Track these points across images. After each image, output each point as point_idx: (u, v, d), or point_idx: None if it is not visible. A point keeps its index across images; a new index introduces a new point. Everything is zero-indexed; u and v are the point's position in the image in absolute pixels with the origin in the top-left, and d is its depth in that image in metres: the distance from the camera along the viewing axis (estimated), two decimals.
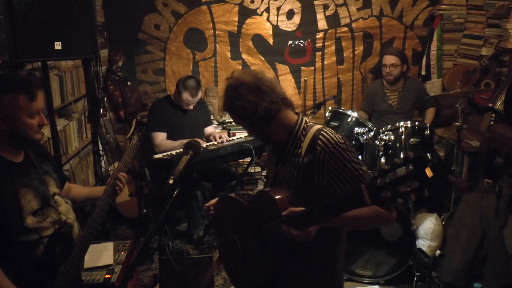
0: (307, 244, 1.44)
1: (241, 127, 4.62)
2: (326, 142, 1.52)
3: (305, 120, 1.65)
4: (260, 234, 1.58)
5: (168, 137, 3.70)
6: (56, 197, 1.75)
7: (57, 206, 1.72)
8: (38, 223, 1.62)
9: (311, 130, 1.58)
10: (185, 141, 3.46)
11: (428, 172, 1.08)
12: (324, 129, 1.57)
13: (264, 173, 4.48)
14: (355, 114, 3.39)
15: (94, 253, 2.46)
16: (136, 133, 2.03)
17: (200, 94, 3.69)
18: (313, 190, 1.54)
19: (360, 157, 3.36)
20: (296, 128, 1.61)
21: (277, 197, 1.52)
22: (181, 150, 3.34)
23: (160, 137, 3.66)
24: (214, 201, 1.88)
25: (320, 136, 1.54)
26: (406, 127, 3.36)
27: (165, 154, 3.41)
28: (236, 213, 1.75)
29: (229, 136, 3.93)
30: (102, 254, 2.51)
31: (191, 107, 3.71)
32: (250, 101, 1.53)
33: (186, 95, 3.61)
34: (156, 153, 3.55)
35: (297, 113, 1.67)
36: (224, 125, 4.35)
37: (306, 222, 1.40)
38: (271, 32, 4.54)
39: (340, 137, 1.56)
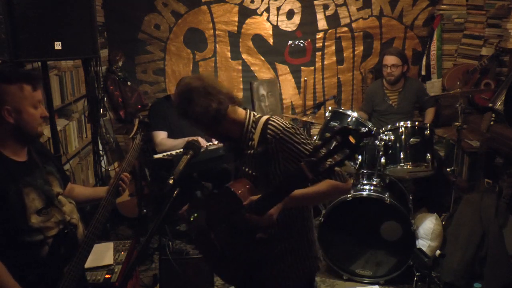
0: (276, 226, 1.57)
1: None
2: (275, 129, 1.64)
3: (253, 114, 1.77)
4: (231, 226, 1.68)
5: (168, 137, 3.70)
6: (60, 197, 1.75)
7: (61, 206, 1.72)
8: (42, 223, 1.62)
9: (260, 121, 1.71)
10: (187, 139, 3.48)
11: (351, 139, 1.26)
12: (271, 118, 1.70)
13: None
14: (355, 114, 3.38)
15: (94, 253, 2.45)
16: (139, 132, 2.02)
17: None
18: (272, 176, 1.66)
19: (360, 157, 3.36)
20: (246, 122, 1.73)
21: (236, 189, 1.64)
22: (182, 149, 3.36)
23: (161, 136, 3.66)
24: (185, 207, 1.98)
25: (269, 125, 1.66)
26: (406, 127, 3.36)
27: (165, 154, 3.41)
28: (206, 212, 1.84)
29: None
30: (102, 254, 2.51)
31: None
32: (200, 104, 1.64)
33: None
34: (157, 153, 3.54)
35: (244, 108, 1.78)
36: None
37: (264, 206, 1.51)
38: (271, 32, 4.55)
39: (287, 122, 1.68)
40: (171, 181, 1.70)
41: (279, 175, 1.66)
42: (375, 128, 3.41)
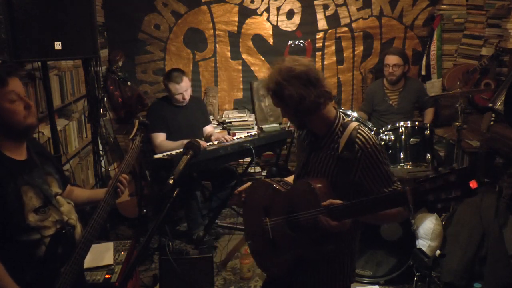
0: (337, 234, 1.52)
1: (241, 126, 4.61)
2: (365, 142, 1.61)
3: (343, 117, 1.73)
4: (294, 220, 1.65)
5: (167, 137, 3.70)
6: (58, 197, 1.75)
7: (59, 206, 1.72)
8: (40, 222, 1.62)
9: (349, 127, 1.66)
10: (185, 141, 3.48)
11: (473, 184, 1.18)
12: (360, 127, 1.66)
13: (264, 173, 4.49)
14: (355, 114, 3.38)
15: (94, 253, 2.46)
16: (139, 134, 2.02)
17: (186, 81, 3.66)
18: (346, 183, 1.63)
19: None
20: (335, 123, 1.69)
21: (318, 187, 1.60)
22: (181, 150, 3.36)
23: (160, 137, 3.66)
24: (246, 186, 1.96)
25: (359, 135, 1.62)
26: (406, 127, 3.36)
27: (165, 154, 3.41)
28: (270, 199, 1.81)
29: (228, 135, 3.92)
30: (102, 254, 2.51)
31: (186, 98, 3.68)
32: (298, 92, 1.59)
33: (172, 86, 3.61)
34: (156, 154, 3.55)
35: (335, 108, 1.75)
36: (224, 125, 4.35)
37: (346, 214, 1.48)
38: (271, 32, 4.55)
39: (376, 138, 1.67)
40: (171, 181, 1.70)
41: (352, 184, 1.63)
42: (375, 128, 3.41)
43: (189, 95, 3.71)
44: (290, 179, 1.95)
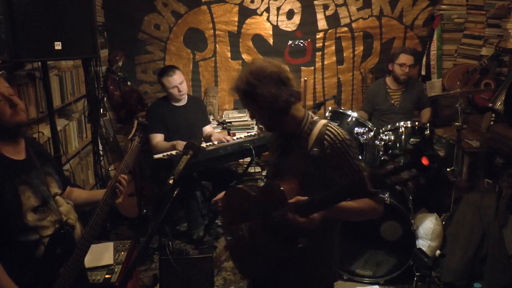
0: (310, 230, 1.52)
1: (241, 126, 4.60)
2: (334, 137, 1.62)
3: (311, 115, 1.74)
4: (268, 222, 1.66)
5: (166, 137, 3.70)
6: (57, 197, 1.75)
7: (57, 206, 1.71)
8: (38, 221, 1.62)
9: (317, 125, 1.68)
10: (175, 142, 3.49)
11: (424, 161, 1.19)
12: (329, 124, 1.67)
13: (264, 173, 4.48)
14: (355, 114, 3.38)
15: (94, 253, 2.46)
16: (138, 134, 2.01)
17: (179, 74, 3.66)
18: (317, 181, 1.63)
19: (360, 157, 3.35)
20: (304, 121, 1.70)
21: (284, 187, 1.60)
22: (180, 150, 3.35)
23: (157, 138, 3.66)
24: (221, 195, 1.95)
25: (327, 132, 1.64)
26: (406, 127, 3.36)
27: (165, 154, 3.41)
28: (244, 204, 1.82)
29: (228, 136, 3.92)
30: (102, 254, 2.51)
31: (182, 90, 3.67)
32: (271, 92, 1.60)
33: (165, 80, 3.63)
34: (154, 154, 3.55)
35: (304, 108, 1.76)
36: (224, 125, 4.35)
37: (311, 209, 1.48)
38: (271, 32, 4.55)
39: (346, 133, 1.66)
40: (171, 181, 1.70)
41: (323, 181, 1.63)
42: (375, 128, 3.41)
43: (184, 89, 3.71)
44: None
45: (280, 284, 1.79)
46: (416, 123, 3.41)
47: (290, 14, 4.52)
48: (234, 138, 3.76)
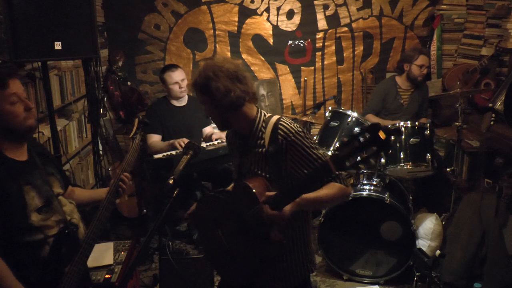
0: (284, 226, 1.56)
1: None
2: (286, 131, 1.65)
3: (264, 113, 1.77)
4: (242, 224, 1.67)
5: (165, 138, 3.68)
6: (60, 197, 1.76)
7: (61, 206, 1.72)
8: (43, 221, 1.63)
9: (270, 121, 1.71)
10: (171, 141, 3.49)
11: (381, 135, 1.22)
12: (281, 119, 1.70)
13: None
14: (355, 114, 3.38)
15: (94, 253, 2.45)
16: (139, 132, 2.02)
17: (180, 71, 3.67)
18: (280, 176, 1.67)
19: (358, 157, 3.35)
20: (257, 120, 1.74)
21: (253, 185, 1.63)
22: (180, 150, 3.35)
23: (153, 138, 3.65)
24: (192, 207, 1.95)
25: (280, 126, 1.67)
26: (406, 127, 3.35)
27: (165, 154, 3.41)
28: (216, 210, 1.83)
29: None
30: (102, 254, 2.51)
31: (183, 87, 3.66)
32: (225, 85, 1.64)
33: (167, 75, 3.63)
34: (150, 153, 3.55)
35: (257, 107, 1.79)
36: None
37: (281, 202, 1.51)
38: (271, 32, 4.55)
39: (298, 125, 1.69)
40: (171, 181, 1.70)
41: (285, 175, 1.66)
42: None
43: (185, 87, 3.71)
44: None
45: (256, 285, 1.80)
46: (416, 123, 3.40)
47: (290, 14, 4.52)
48: None
